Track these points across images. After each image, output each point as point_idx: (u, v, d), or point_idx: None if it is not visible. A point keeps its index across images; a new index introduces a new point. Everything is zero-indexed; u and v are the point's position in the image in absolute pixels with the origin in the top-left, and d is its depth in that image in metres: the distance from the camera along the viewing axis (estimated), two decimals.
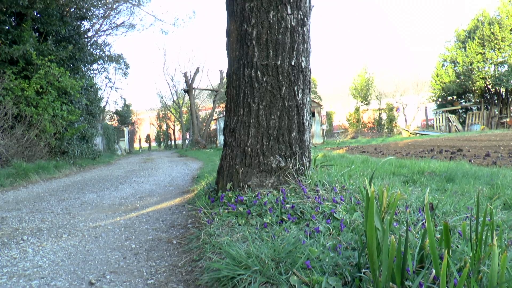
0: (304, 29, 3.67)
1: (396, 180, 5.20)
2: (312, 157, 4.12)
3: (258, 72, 3.59)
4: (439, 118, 37.92)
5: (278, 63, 3.57)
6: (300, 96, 3.70)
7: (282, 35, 3.56)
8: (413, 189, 4.25)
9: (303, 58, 3.68)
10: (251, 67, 3.61)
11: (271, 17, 3.55)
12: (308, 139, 3.85)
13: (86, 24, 18.40)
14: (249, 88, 3.64)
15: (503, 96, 33.10)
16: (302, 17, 3.65)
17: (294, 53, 3.61)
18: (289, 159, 3.69)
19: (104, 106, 31.25)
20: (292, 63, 3.61)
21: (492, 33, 31.42)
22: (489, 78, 32.56)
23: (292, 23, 3.59)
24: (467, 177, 5.28)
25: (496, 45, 31.31)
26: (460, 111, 37.57)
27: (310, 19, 3.82)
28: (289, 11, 3.57)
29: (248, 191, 3.58)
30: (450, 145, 14.37)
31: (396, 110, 45.50)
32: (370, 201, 1.64)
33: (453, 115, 35.74)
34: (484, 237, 1.75)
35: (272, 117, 3.61)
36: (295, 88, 3.65)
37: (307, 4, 3.75)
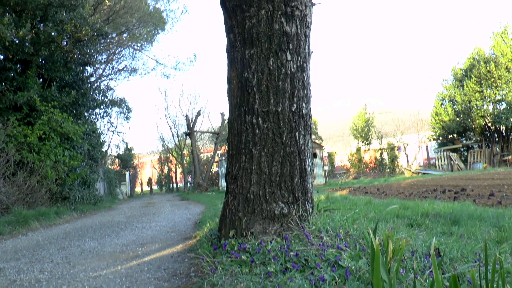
0: (304, 75, 3.73)
1: (401, 223, 5.13)
2: (315, 202, 4.09)
3: (259, 118, 3.62)
4: (440, 157, 37.91)
5: (279, 109, 3.60)
6: (301, 142, 3.71)
7: (282, 82, 3.62)
8: (418, 233, 4.19)
9: (304, 104, 3.72)
10: (252, 114, 3.64)
11: (271, 63, 3.62)
12: (310, 184, 3.83)
13: (89, 70, 18.81)
14: (251, 135, 3.66)
15: (504, 134, 33.19)
16: (301, 63, 3.72)
17: (295, 99, 3.65)
18: (292, 206, 3.66)
19: (106, 151, 31.37)
20: (293, 109, 3.64)
21: (489, 71, 31.90)
22: (488, 116, 32.77)
23: (292, 70, 3.65)
24: (473, 219, 5.21)
25: (493, 83, 31.72)
26: (462, 149, 37.60)
27: (310, 64, 3.89)
28: (289, 58, 3.65)
29: (251, 239, 3.53)
30: (453, 185, 14.28)
31: (397, 150, 45.55)
32: (376, 253, 1.61)
33: (455, 154, 35.74)
34: (495, 285, 1.70)
35: (274, 163, 3.60)
36: (296, 134, 3.67)
37: (306, 50, 3.83)
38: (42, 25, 12.81)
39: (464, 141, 37.22)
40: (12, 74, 12.31)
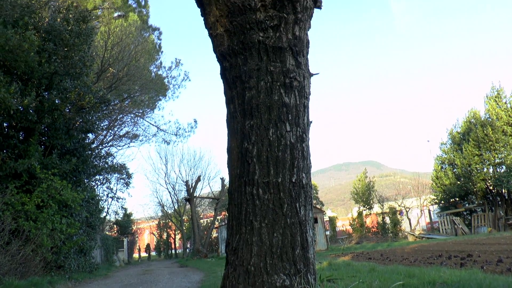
0: (303, 145, 3.75)
1: None
2: (317, 269, 3.96)
3: (260, 189, 3.59)
4: (443, 221, 37.35)
5: (279, 180, 3.58)
6: (302, 212, 3.66)
7: (282, 153, 3.62)
8: None
9: (304, 175, 3.71)
10: (252, 185, 3.61)
11: (271, 134, 3.64)
12: (312, 255, 3.73)
13: (90, 136, 19.02)
14: (251, 206, 3.61)
15: (506, 197, 32.91)
16: (301, 133, 3.75)
17: (295, 170, 3.65)
18: (294, 278, 3.53)
19: (104, 217, 30.97)
20: (293, 180, 3.62)
21: (486, 134, 32.20)
22: (489, 179, 32.67)
23: (292, 140, 3.68)
24: None
25: (491, 147, 31.92)
26: (465, 213, 37.10)
27: (309, 135, 3.92)
28: (288, 129, 3.68)
29: None
30: (458, 250, 13.93)
31: (399, 214, 45.03)
32: None
33: (458, 218, 35.23)
34: None
35: (275, 234, 3.52)
36: (297, 205, 3.63)
37: (305, 120, 3.88)
38: (46, 93, 13.12)
39: (467, 205, 36.82)
40: (14, 142, 12.42)
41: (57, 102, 12.70)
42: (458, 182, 35.08)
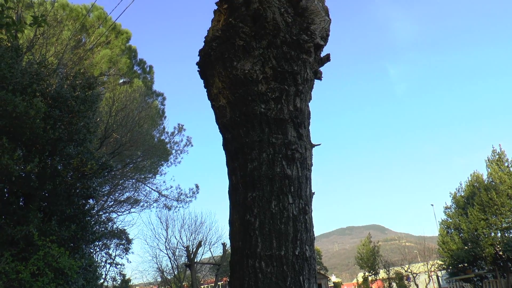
0: (306, 217, 3.69)
1: None
2: None
3: (262, 262, 3.48)
4: (453, 287, 36.11)
5: (282, 253, 3.49)
6: (306, 286, 3.53)
7: (284, 225, 3.56)
8: None
9: (307, 247, 3.62)
10: (254, 258, 3.51)
11: (273, 207, 3.59)
12: None
13: (91, 202, 18.85)
14: (253, 279, 3.49)
15: None
16: (303, 205, 3.70)
17: (298, 242, 3.56)
18: None
19: (102, 283, 30.01)
20: (296, 253, 3.53)
21: (490, 198, 31.88)
22: (498, 244, 31.89)
23: (294, 212, 3.62)
24: None
25: (497, 211, 31.48)
26: (475, 279, 35.89)
27: (311, 206, 3.87)
28: (291, 201, 3.63)
29: None
30: None
31: (407, 280, 43.68)
32: None
33: (468, 284, 34.10)
34: None
35: None
36: (301, 278, 3.51)
37: (308, 192, 3.84)
38: (49, 159, 13.17)
39: (477, 270, 35.70)
40: (14, 208, 12.28)
41: (59, 168, 12.72)
42: (466, 247, 34.24)
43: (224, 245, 37.54)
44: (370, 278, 45.21)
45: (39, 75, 13.27)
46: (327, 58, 4.21)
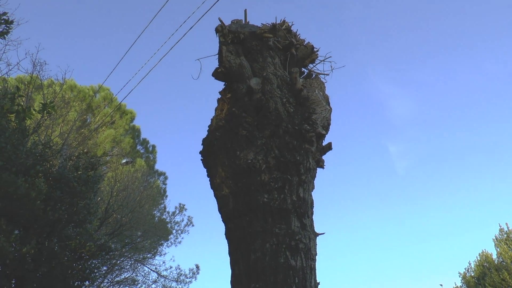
0: None
1: None
2: None
3: None
4: None
5: None
6: None
7: None
8: None
9: None
10: None
11: None
12: None
13: (87, 283, 18.12)
14: None
15: None
16: None
17: None
18: None
19: None
20: None
21: (503, 279, 30.67)
22: None
23: None
24: None
25: None
26: None
27: None
28: None
29: None
30: None
31: None
32: None
33: None
34: None
35: None
36: None
37: (312, 283, 3.73)
38: (47, 241, 12.87)
39: None
40: None
41: (56, 249, 12.40)
42: None
43: None
44: None
45: (43, 156, 13.38)
46: (328, 146, 4.24)
